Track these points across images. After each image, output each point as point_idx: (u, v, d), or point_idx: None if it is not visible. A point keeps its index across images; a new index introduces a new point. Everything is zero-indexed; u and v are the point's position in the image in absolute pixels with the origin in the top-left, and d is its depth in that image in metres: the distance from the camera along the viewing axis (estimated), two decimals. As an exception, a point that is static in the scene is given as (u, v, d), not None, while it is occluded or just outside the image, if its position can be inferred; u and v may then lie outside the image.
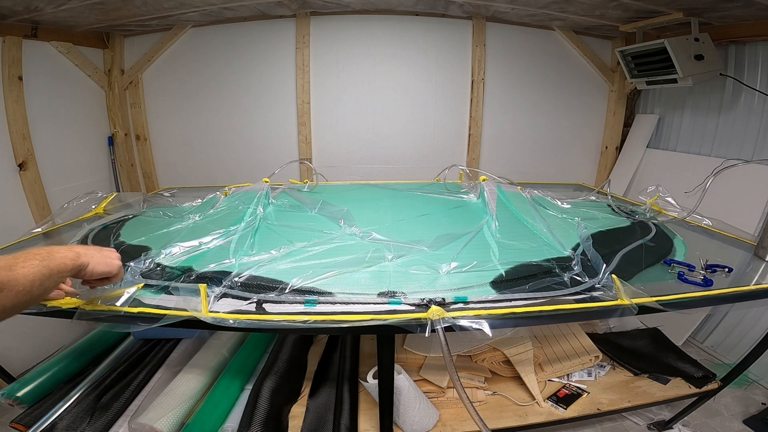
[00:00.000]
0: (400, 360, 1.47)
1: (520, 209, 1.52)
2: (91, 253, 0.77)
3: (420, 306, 0.88)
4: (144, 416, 1.17)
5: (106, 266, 0.78)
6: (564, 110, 2.83)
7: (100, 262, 0.77)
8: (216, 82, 2.67)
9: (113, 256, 0.82)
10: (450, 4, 2.41)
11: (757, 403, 1.77)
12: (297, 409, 1.34)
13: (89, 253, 0.76)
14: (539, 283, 0.97)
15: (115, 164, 2.69)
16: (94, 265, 0.76)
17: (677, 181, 2.23)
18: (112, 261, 0.81)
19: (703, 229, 1.50)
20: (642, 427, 1.65)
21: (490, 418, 1.31)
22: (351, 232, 1.30)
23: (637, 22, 2.22)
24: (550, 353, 1.55)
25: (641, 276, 1.08)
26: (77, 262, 0.72)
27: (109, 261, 0.80)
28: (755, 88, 2.02)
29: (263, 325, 0.86)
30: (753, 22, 1.95)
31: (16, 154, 1.98)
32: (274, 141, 2.76)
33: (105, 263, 0.78)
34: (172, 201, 1.78)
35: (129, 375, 1.44)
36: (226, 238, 1.21)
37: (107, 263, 0.79)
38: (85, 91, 2.49)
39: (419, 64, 2.67)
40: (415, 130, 2.78)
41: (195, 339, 1.58)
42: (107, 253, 0.81)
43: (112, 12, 2.11)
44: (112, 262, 0.81)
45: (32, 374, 1.38)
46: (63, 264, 0.68)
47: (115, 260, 0.82)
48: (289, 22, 2.55)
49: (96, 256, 0.77)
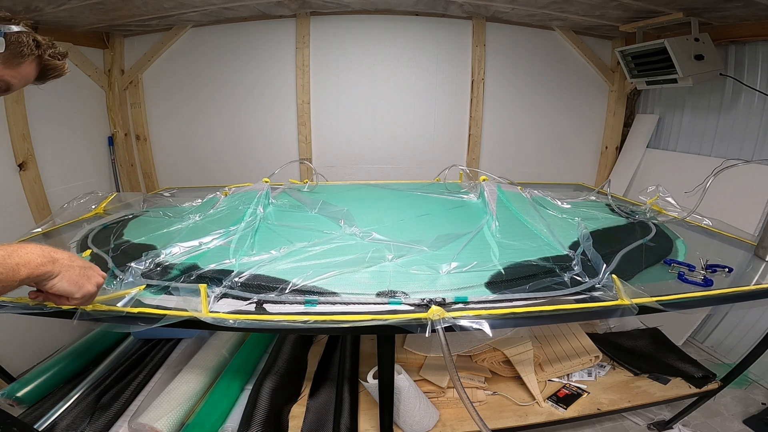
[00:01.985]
0: (400, 360, 1.47)
1: (520, 209, 1.51)
2: (72, 264, 0.69)
3: (420, 306, 0.88)
4: (144, 416, 1.17)
5: (71, 285, 0.69)
6: (564, 110, 2.82)
7: (69, 279, 0.69)
8: (216, 82, 2.67)
9: (93, 281, 0.74)
10: (450, 4, 2.41)
11: (757, 403, 1.77)
12: (297, 409, 1.34)
13: (68, 264, 0.69)
14: (539, 283, 0.96)
15: (115, 164, 2.69)
16: (61, 279, 0.68)
17: (677, 181, 2.22)
18: (84, 284, 0.71)
19: (703, 229, 1.50)
20: (642, 427, 1.64)
21: (490, 418, 1.31)
22: (351, 232, 1.30)
23: (637, 22, 2.22)
24: (550, 353, 1.55)
25: (641, 276, 1.08)
26: (38, 271, 0.63)
27: (80, 282, 0.70)
28: (755, 88, 2.02)
29: (263, 325, 0.86)
30: (753, 22, 1.95)
31: (16, 154, 1.98)
32: (274, 141, 2.77)
33: (74, 282, 0.69)
34: (172, 201, 1.78)
35: (129, 375, 1.44)
36: (226, 238, 1.21)
37: (77, 283, 0.70)
38: (85, 91, 2.49)
39: (419, 64, 2.67)
40: (415, 130, 2.78)
41: (195, 339, 1.58)
42: (88, 273, 0.73)
43: (112, 12, 2.11)
44: (84, 285, 0.71)
45: (32, 374, 1.38)
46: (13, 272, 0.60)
47: (88, 285, 0.72)
48: (289, 22, 2.55)
49: (71, 270, 0.69)
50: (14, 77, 0.82)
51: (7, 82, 0.81)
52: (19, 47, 0.80)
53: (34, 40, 0.83)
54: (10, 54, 0.78)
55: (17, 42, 0.79)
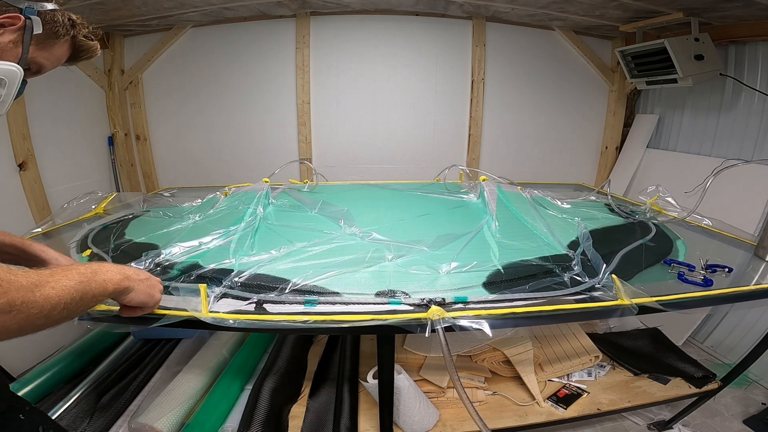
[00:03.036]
0: (400, 360, 1.47)
1: (520, 209, 1.52)
2: (140, 278, 0.72)
3: (420, 306, 0.88)
4: (144, 416, 1.17)
5: (146, 296, 0.73)
6: (564, 110, 2.83)
7: (142, 291, 0.73)
8: (216, 82, 2.67)
9: (157, 288, 0.78)
10: (450, 4, 2.41)
11: (757, 403, 1.77)
12: (297, 409, 1.34)
13: (137, 278, 0.72)
14: (539, 283, 0.96)
15: (115, 164, 2.69)
16: (137, 293, 0.71)
17: (677, 181, 2.22)
18: (154, 294, 0.76)
19: (703, 229, 1.50)
20: (642, 427, 1.64)
21: (490, 418, 1.31)
22: (351, 232, 1.30)
23: (637, 22, 2.22)
24: (550, 353, 1.55)
25: (641, 276, 1.08)
26: (120, 286, 0.67)
27: (151, 292, 0.75)
28: (755, 88, 2.02)
29: (263, 325, 0.86)
30: (753, 22, 1.95)
31: (16, 154, 1.97)
32: (274, 141, 2.77)
33: (146, 293, 0.74)
34: (172, 201, 1.78)
35: (129, 375, 1.45)
36: (226, 238, 1.21)
37: (149, 294, 0.74)
38: (85, 91, 2.49)
39: (419, 64, 2.67)
40: (415, 130, 2.78)
41: (195, 339, 1.59)
42: (153, 283, 0.77)
43: (112, 12, 2.11)
44: (154, 294, 0.76)
45: (32, 374, 1.38)
46: (103, 288, 0.63)
47: (157, 293, 0.77)
48: (289, 22, 2.56)
49: (142, 284, 0.73)
50: (47, 59, 0.78)
51: (39, 63, 0.78)
52: (54, 27, 0.76)
53: (69, 20, 0.79)
54: (44, 35, 0.75)
55: (52, 21, 0.76)
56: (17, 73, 0.72)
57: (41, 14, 0.74)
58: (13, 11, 0.72)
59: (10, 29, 0.71)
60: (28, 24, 0.72)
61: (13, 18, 0.71)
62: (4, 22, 0.70)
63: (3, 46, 0.71)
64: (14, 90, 0.72)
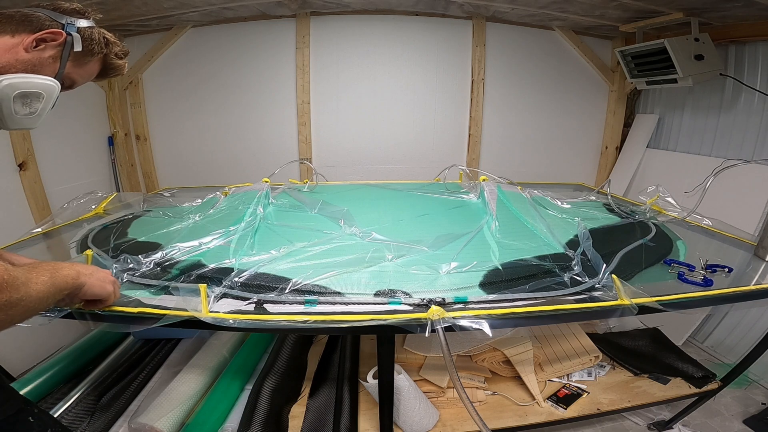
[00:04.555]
0: (400, 360, 1.47)
1: (520, 209, 1.52)
2: (89, 272, 0.75)
3: (420, 306, 0.88)
4: (144, 416, 1.17)
5: (99, 289, 0.76)
6: (564, 110, 2.82)
7: (95, 284, 0.75)
8: (216, 82, 2.67)
9: (108, 280, 0.80)
10: (450, 4, 2.41)
11: (757, 403, 1.77)
12: (297, 409, 1.34)
13: (87, 273, 0.74)
14: (539, 283, 0.96)
15: (115, 164, 2.69)
16: (90, 286, 0.74)
17: (677, 181, 2.22)
18: (105, 285, 0.78)
19: (703, 229, 1.50)
20: (642, 427, 1.64)
21: (490, 418, 1.31)
22: (351, 232, 1.30)
23: (637, 22, 2.22)
24: (550, 353, 1.55)
25: (641, 276, 1.08)
26: (77, 282, 0.71)
27: (102, 284, 0.77)
28: (755, 88, 2.02)
29: (263, 325, 0.86)
30: (753, 22, 1.95)
31: (16, 154, 1.97)
32: (274, 141, 2.76)
33: (99, 286, 0.76)
34: (172, 201, 1.78)
35: (129, 375, 1.44)
36: (226, 238, 1.21)
37: (101, 286, 0.77)
38: (85, 91, 2.47)
39: (419, 64, 2.67)
40: (415, 130, 2.78)
41: (195, 339, 1.58)
42: (102, 275, 0.79)
43: (112, 12, 2.11)
44: (105, 286, 0.78)
45: (32, 374, 1.38)
46: (65, 282, 0.67)
47: (108, 285, 0.79)
48: (289, 22, 2.55)
49: (93, 276, 0.75)
50: (80, 75, 0.80)
51: (73, 79, 0.80)
52: (90, 44, 0.78)
53: (104, 38, 0.81)
54: (81, 52, 0.76)
55: (90, 39, 0.78)
56: (55, 89, 0.74)
57: (80, 31, 0.76)
58: (56, 26, 0.73)
59: (51, 44, 0.73)
60: (69, 40, 0.74)
61: (56, 34, 0.73)
62: (46, 37, 0.72)
63: (43, 61, 0.72)
64: (51, 104, 0.75)
